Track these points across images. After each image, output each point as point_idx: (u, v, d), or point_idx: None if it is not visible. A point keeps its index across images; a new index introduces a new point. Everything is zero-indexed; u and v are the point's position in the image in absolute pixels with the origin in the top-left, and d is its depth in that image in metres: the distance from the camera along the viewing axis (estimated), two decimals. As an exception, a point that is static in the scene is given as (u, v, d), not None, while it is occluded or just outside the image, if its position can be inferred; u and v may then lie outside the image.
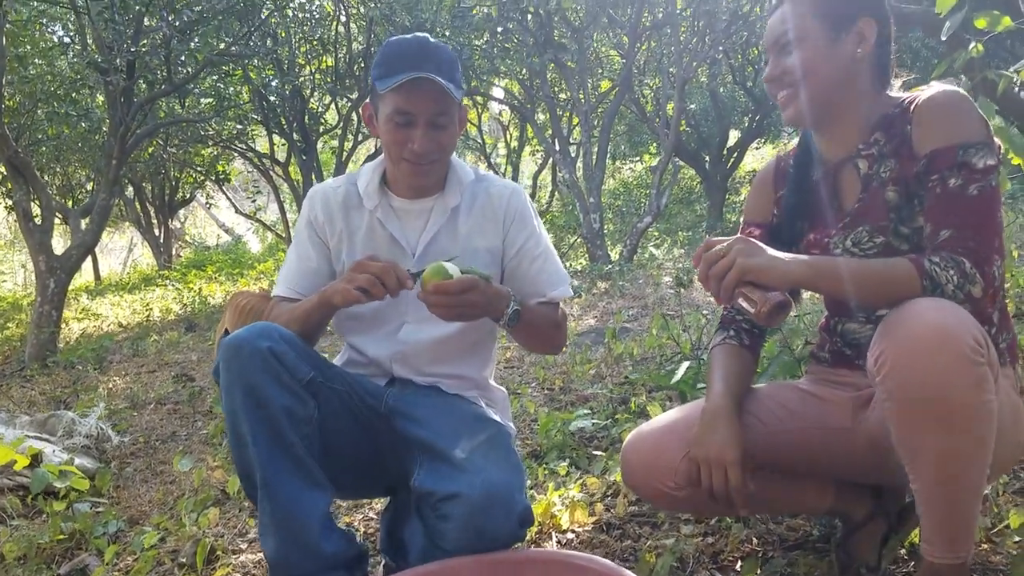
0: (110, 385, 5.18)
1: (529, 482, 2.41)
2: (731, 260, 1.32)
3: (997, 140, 1.41)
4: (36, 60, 7.81)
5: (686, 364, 2.85)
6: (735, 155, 13.51)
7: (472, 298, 1.53)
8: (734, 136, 13.84)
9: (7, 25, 6.60)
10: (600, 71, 11.67)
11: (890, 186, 1.46)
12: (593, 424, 2.74)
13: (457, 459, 1.55)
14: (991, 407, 1.22)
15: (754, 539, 1.85)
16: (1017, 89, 3.01)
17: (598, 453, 2.56)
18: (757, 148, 16.37)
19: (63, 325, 7.46)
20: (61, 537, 2.38)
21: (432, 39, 1.70)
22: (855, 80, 1.48)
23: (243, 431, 1.52)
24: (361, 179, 1.80)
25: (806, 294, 2.48)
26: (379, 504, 2.39)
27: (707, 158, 13.37)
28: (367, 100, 1.78)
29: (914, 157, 1.42)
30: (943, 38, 2.48)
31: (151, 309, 9.54)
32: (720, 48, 10.39)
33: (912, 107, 1.44)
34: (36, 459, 2.86)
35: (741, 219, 1.76)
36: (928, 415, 1.21)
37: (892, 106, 1.50)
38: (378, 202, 1.77)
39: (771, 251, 1.33)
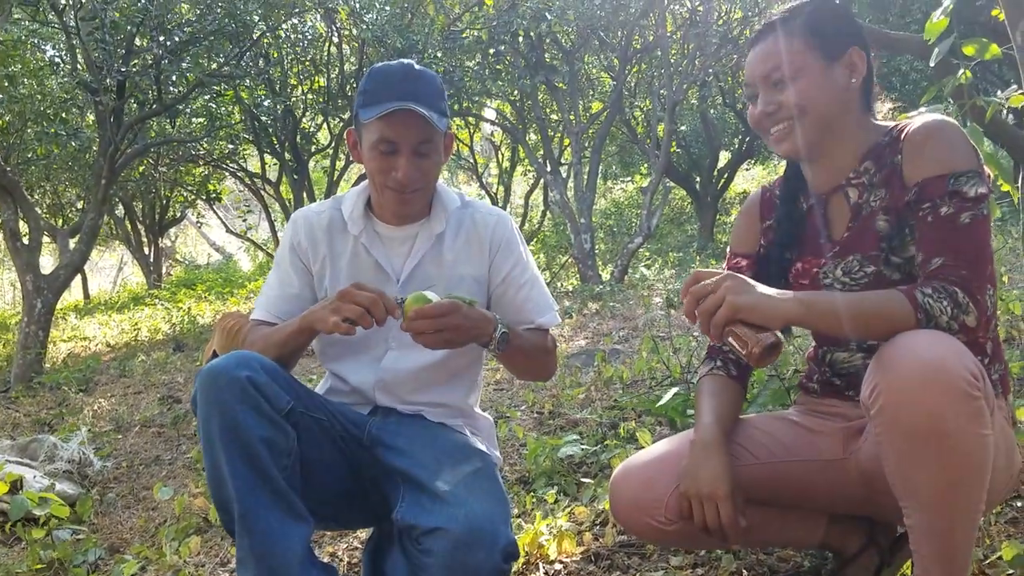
0: (95, 407, 5.12)
1: (516, 510, 2.38)
2: (720, 298, 1.28)
3: (986, 168, 1.40)
4: (26, 80, 7.78)
5: (673, 390, 2.82)
6: (725, 176, 13.57)
7: (455, 321, 1.51)
8: (724, 157, 13.91)
9: (-3, 45, 6.59)
10: (591, 93, 11.72)
11: (880, 215, 1.45)
12: (582, 450, 2.71)
13: (440, 491, 1.52)
14: (987, 441, 1.20)
15: (744, 571, 1.82)
16: (1006, 115, 3.02)
17: (587, 480, 2.52)
18: (747, 169, 16.45)
19: (50, 345, 7.39)
20: (40, 566, 2.33)
21: (418, 66, 1.68)
22: (848, 110, 1.47)
23: (220, 462, 1.47)
24: (346, 204, 1.78)
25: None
26: (364, 534, 2.35)
27: (698, 179, 13.42)
28: (351, 127, 1.76)
29: (904, 186, 1.41)
30: (932, 64, 2.48)
31: (139, 329, 9.47)
32: (710, 70, 10.45)
33: (902, 136, 1.43)
34: (16, 485, 2.80)
35: (728, 250, 1.74)
36: (924, 450, 1.19)
37: (881, 134, 1.49)
38: (363, 227, 1.75)
39: (761, 287, 1.31)
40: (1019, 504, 1.92)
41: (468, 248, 1.77)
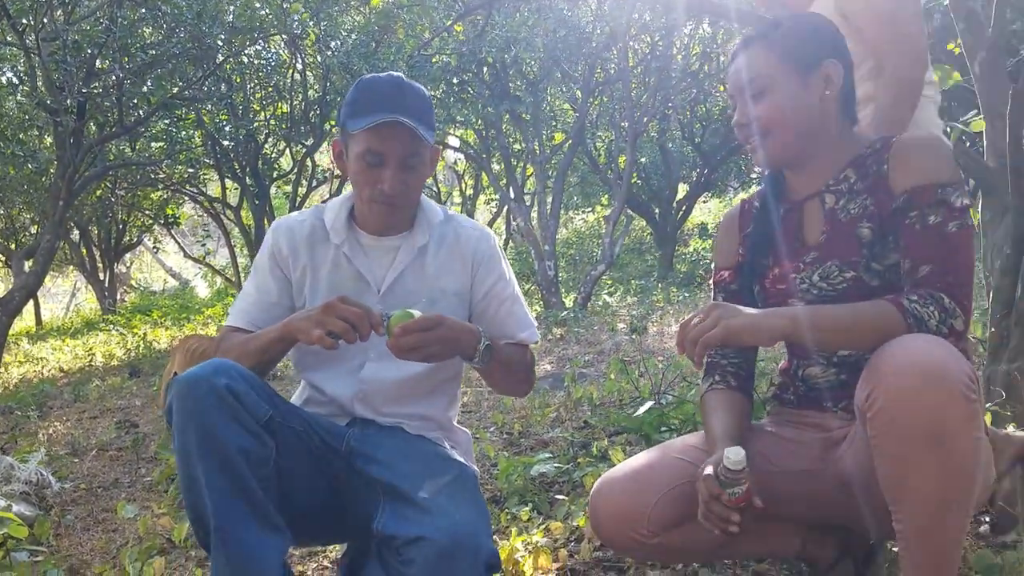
0: (50, 431, 4.97)
1: (491, 527, 2.36)
2: (715, 321, 1.31)
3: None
4: (-17, 99, 7.66)
5: (648, 404, 2.84)
6: (684, 208, 13.75)
7: (440, 334, 1.51)
8: (683, 189, 14.11)
9: (-46, 63, 6.47)
10: (554, 123, 11.83)
11: (864, 223, 1.48)
12: (555, 468, 2.70)
13: (421, 501, 1.50)
14: (982, 444, 1.23)
15: (721, 584, 1.83)
16: (968, 143, 3.12)
17: (560, 497, 2.52)
18: (704, 202, 16.72)
19: (3, 369, 7.17)
20: (-5, 589, 2.25)
21: (407, 79, 1.69)
22: (825, 121, 1.51)
23: (196, 474, 1.44)
24: (328, 214, 1.77)
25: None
26: (334, 552, 2.31)
27: (657, 210, 13.58)
28: (336, 137, 1.76)
29: (890, 194, 1.44)
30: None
31: (94, 354, 9.25)
32: (670, 104, 10.64)
33: (888, 147, 1.47)
34: (-31, 507, 2.71)
35: (712, 266, 1.77)
36: (923, 452, 1.20)
37: (864, 145, 1.52)
38: (345, 237, 1.74)
39: (748, 310, 1.35)
40: (986, 519, 1.96)
41: (451, 262, 1.77)
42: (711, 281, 1.73)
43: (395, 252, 1.75)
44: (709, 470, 1.41)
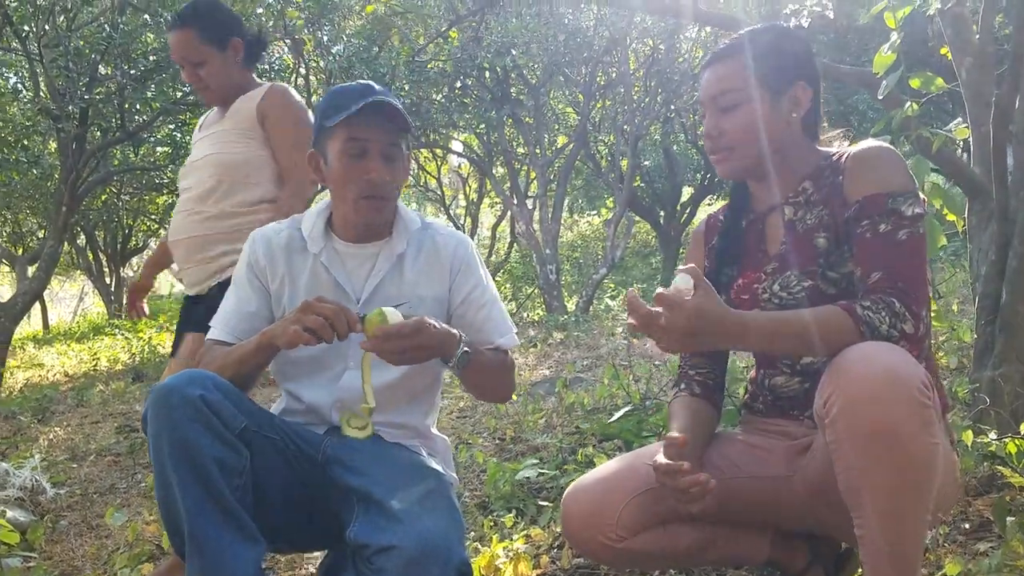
0: (51, 436, 5.01)
1: (474, 534, 2.38)
2: (668, 337, 1.34)
3: (924, 195, 1.46)
4: (-12, 106, 7.72)
5: (625, 408, 2.84)
6: (688, 210, 13.75)
7: (419, 340, 1.52)
8: (687, 192, 14.11)
9: (-42, 70, 6.52)
10: (556, 127, 11.86)
11: (820, 232, 1.50)
12: (541, 474, 2.71)
13: (394, 510, 1.51)
14: (937, 448, 1.24)
15: (696, 591, 1.83)
16: (958, 150, 3.12)
17: (545, 504, 2.53)
18: (709, 204, 16.67)
19: (7, 374, 7.23)
20: (-14, 594, 2.27)
21: (377, 86, 1.71)
22: (790, 138, 1.54)
23: (171, 482, 1.45)
24: (305, 223, 1.79)
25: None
26: (318, 560, 2.32)
27: (661, 213, 13.58)
28: (311, 150, 1.77)
29: (845, 204, 1.47)
30: (880, 97, 2.57)
31: (98, 359, 9.31)
32: (672, 107, 10.65)
33: (843, 159, 1.49)
34: (-36, 513, 2.74)
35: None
36: (877, 455, 1.22)
37: (822, 158, 1.55)
38: (323, 246, 1.76)
39: (707, 314, 1.35)
40: (966, 526, 1.96)
41: (429, 269, 1.79)
42: None
43: (374, 260, 1.76)
44: (660, 458, 1.44)
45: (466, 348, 1.62)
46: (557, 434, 3.48)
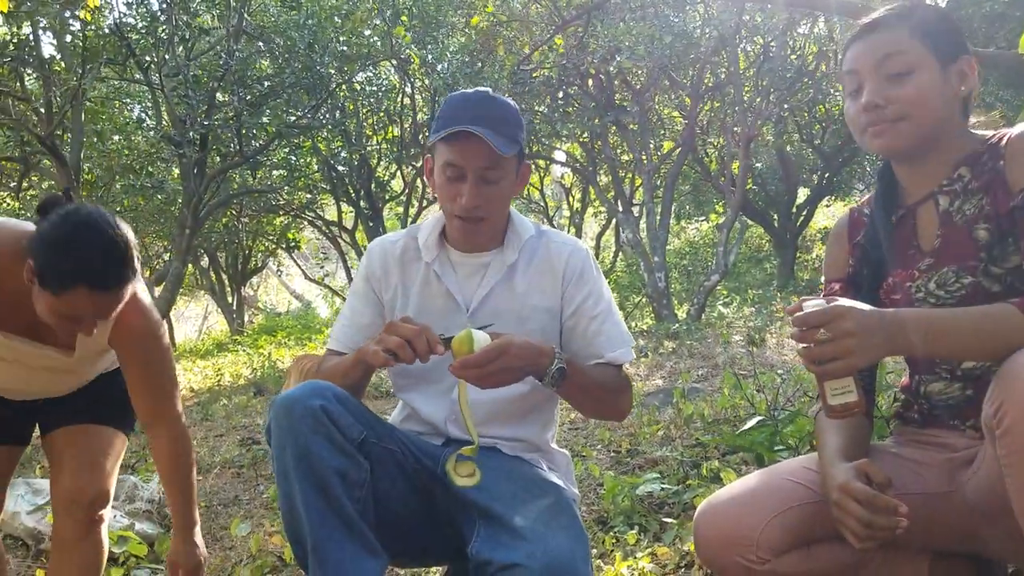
0: (178, 450, 5.19)
1: (595, 550, 2.29)
2: (842, 352, 1.21)
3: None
4: (114, 136, 8.17)
5: (756, 419, 2.69)
6: (804, 213, 13.28)
7: (507, 362, 1.45)
8: (803, 194, 13.63)
9: (87, 103, 6.91)
10: (662, 132, 11.66)
11: (981, 223, 1.36)
12: (663, 489, 2.60)
13: (517, 526, 1.46)
14: None
15: (843, 616, 1.69)
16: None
17: (669, 520, 2.42)
18: (827, 206, 16.08)
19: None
20: (118, 605, 2.33)
21: (493, 93, 1.66)
22: (951, 116, 1.40)
23: (294, 493, 1.45)
24: (422, 232, 1.77)
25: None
26: (438, 572, 2.29)
27: (776, 216, 13.17)
28: (429, 154, 1.75)
29: (1009, 192, 1.32)
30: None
31: (222, 374, 9.68)
32: (786, 106, 10.29)
33: (1003, 143, 1.35)
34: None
35: (822, 278, 1.66)
36: None
37: (978, 142, 1.40)
38: (436, 255, 1.73)
39: (862, 316, 1.23)
40: None
41: (540, 278, 1.72)
42: (822, 295, 1.61)
43: (484, 269, 1.72)
44: (856, 483, 1.30)
45: (561, 364, 1.53)
46: (676, 447, 3.36)
